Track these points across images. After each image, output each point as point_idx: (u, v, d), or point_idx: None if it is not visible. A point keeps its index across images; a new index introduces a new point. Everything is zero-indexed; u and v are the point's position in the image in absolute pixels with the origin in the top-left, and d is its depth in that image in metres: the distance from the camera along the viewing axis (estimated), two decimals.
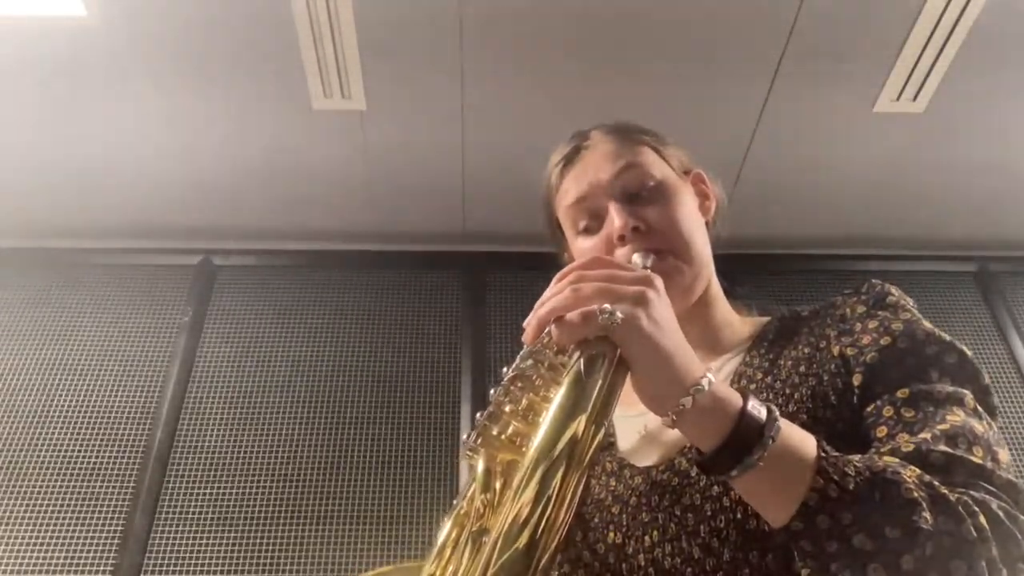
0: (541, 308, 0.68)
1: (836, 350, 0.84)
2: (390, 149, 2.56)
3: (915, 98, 2.42)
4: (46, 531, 2.26)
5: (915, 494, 0.63)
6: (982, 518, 0.63)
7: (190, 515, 2.31)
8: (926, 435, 0.72)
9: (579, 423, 0.58)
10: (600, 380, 0.61)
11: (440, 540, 0.67)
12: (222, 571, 2.23)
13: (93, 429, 2.44)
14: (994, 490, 0.67)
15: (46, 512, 2.29)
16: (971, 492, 0.66)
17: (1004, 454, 0.72)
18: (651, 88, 2.37)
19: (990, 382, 0.80)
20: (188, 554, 2.25)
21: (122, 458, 2.39)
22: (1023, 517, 0.66)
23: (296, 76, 2.31)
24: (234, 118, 2.45)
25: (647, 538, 0.80)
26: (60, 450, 2.40)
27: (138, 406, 2.49)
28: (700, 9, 2.17)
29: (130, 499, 2.32)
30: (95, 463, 2.38)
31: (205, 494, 2.34)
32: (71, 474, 2.36)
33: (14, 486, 2.32)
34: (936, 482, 0.65)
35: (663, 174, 0.96)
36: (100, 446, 2.41)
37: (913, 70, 2.34)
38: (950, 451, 0.70)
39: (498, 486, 0.64)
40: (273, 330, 2.67)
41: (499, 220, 2.78)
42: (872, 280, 0.91)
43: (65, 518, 2.28)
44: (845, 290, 0.92)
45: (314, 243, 2.85)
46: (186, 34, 2.21)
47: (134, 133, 2.47)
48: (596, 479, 0.88)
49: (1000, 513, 0.64)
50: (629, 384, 0.66)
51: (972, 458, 0.69)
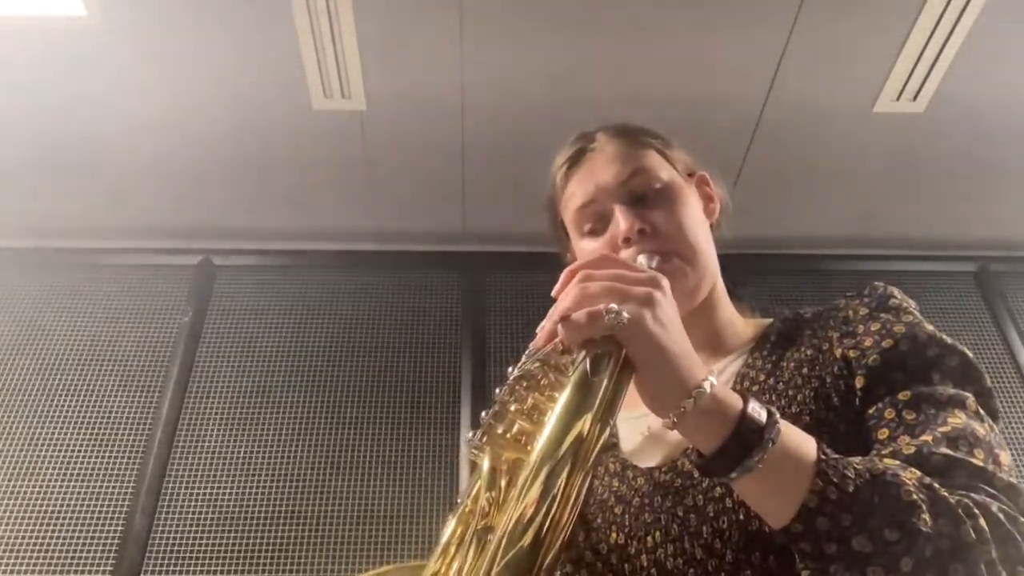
0: (553, 315, 0.68)
1: (838, 352, 0.84)
2: (390, 149, 2.56)
3: (915, 98, 2.42)
4: (46, 531, 2.26)
5: (915, 496, 0.63)
6: (982, 520, 0.63)
7: (190, 515, 2.31)
8: (927, 437, 0.72)
9: (585, 422, 0.58)
10: (606, 380, 0.61)
11: (444, 538, 0.67)
12: (222, 571, 2.23)
13: (93, 429, 2.44)
14: (995, 492, 0.67)
15: (46, 512, 2.29)
16: (972, 494, 0.66)
17: (1005, 456, 0.72)
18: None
19: (992, 385, 0.80)
20: (188, 554, 2.25)
21: (122, 458, 2.39)
22: (1023, 519, 0.66)
23: (296, 76, 2.31)
24: (234, 118, 2.45)
25: (649, 539, 0.80)
26: (60, 450, 2.39)
27: (138, 406, 2.49)
28: None
29: (130, 499, 2.32)
30: (95, 463, 2.38)
31: (205, 494, 2.34)
32: (71, 474, 2.35)
33: (14, 486, 2.32)
34: (936, 484, 0.65)
35: (669, 177, 0.96)
36: (100, 446, 2.41)
37: (913, 70, 2.34)
38: (951, 453, 0.70)
39: (503, 484, 0.64)
40: (273, 330, 2.67)
41: (499, 220, 2.78)
42: (875, 282, 0.91)
43: (65, 518, 2.28)
44: (848, 292, 0.92)
45: (314, 243, 2.85)
46: (186, 35, 2.21)
47: (134, 133, 2.47)
48: (599, 480, 0.88)
49: (1000, 515, 0.64)
50: (632, 385, 0.66)
51: (973, 460, 0.69)
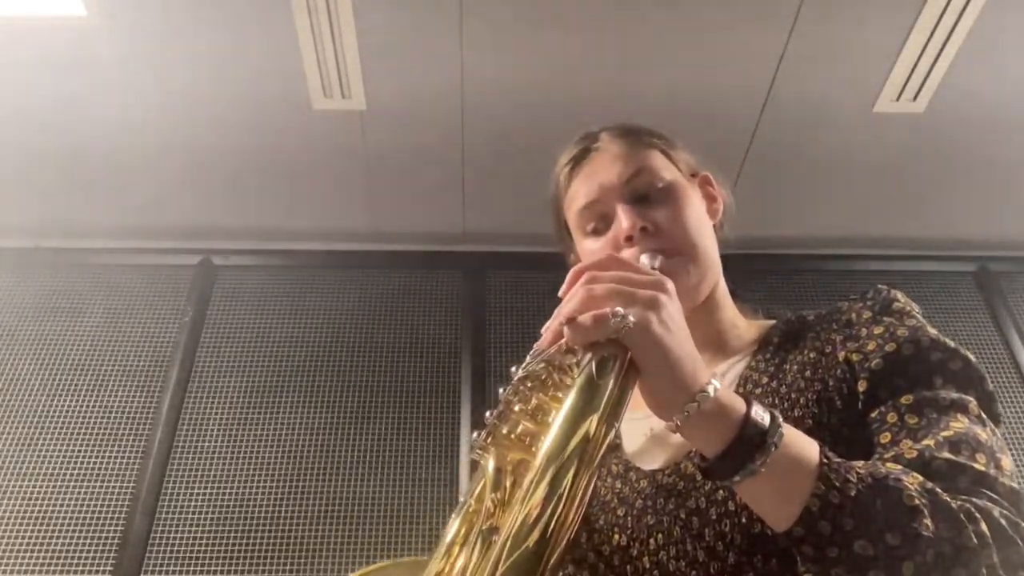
0: (559, 316, 0.68)
1: (841, 355, 0.83)
2: (390, 149, 2.56)
3: (915, 98, 2.42)
4: (46, 531, 2.26)
5: (917, 501, 0.63)
6: (983, 525, 0.63)
7: (190, 515, 2.31)
8: (929, 442, 0.72)
9: (591, 423, 0.59)
10: (612, 382, 0.61)
11: (448, 537, 0.67)
12: (222, 571, 2.23)
13: (93, 429, 2.44)
14: (996, 497, 0.67)
15: (46, 512, 2.28)
16: (973, 499, 0.66)
17: (1007, 461, 0.72)
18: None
19: (994, 389, 0.80)
20: (188, 554, 2.25)
21: (122, 458, 2.39)
22: None
23: (296, 76, 2.31)
24: (234, 117, 2.44)
25: (652, 541, 0.80)
26: (60, 450, 2.39)
27: (138, 406, 2.49)
28: None
29: (130, 499, 2.32)
30: (95, 463, 2.38)
31: (205, 494, 2.34)
32: (71, 474, 2.35)
33: (14, 486, 2.32)
34: (938, 489, 0.65)
35: (672, 176, 0.96)
36: (100, 446, 2.41)
37: (913, 70, 2.34)
38: (953, 458, 0.70)
39: (508, 485, 0.64)
40: (273, 330, 2.67)
41: (499, 220, 2.78)
42: (878, 285, 0.91)
43: (65, 518, 2.28)
44: (851, 295, 0.92)
45: (314, 243, 2.85)
46: (186, 35, 2.20)
47: (134, 133, 2.47)
48: (602, 481, 0.88)
49: (1002, 520, 0.64)
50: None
51: (975, 465, 0.69)
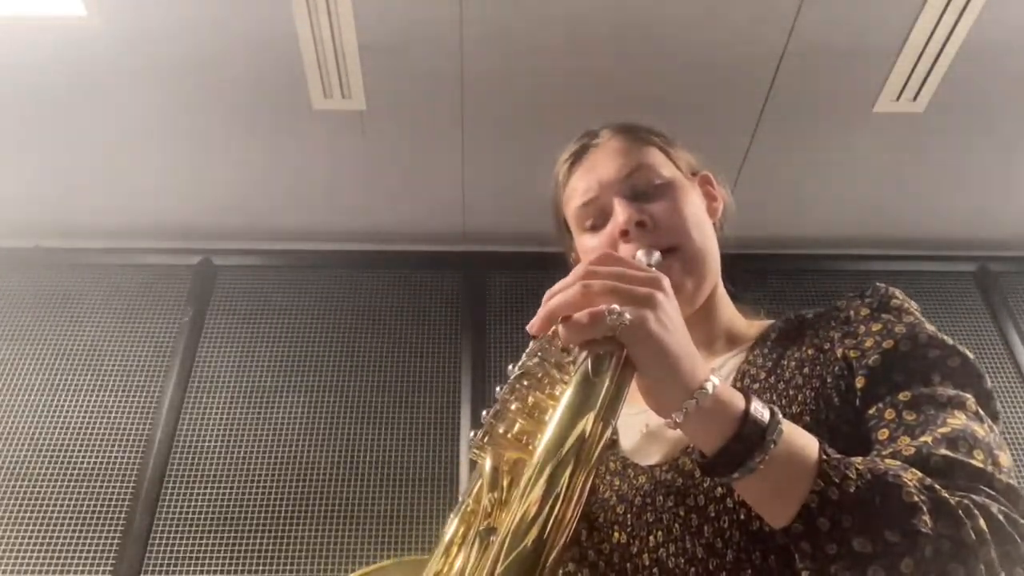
0: (550, 301, 0.67)
1: (839, 352, 0.84)
2: (390, 149, 2.56)
3: (915, 98, 2.42)
4: (46, 531, 2.25)
5: (915, 498, 0.63)
6: (982, 522, 0.63)
7: (190, 515, 2.31)
8: (927, 438, 0.72)
9: (587, 421, 0.59)
10: (608, 380, 0.61)
11: (447, 537, 0.67)
12: (222, 571, 2.23)
13: (93, 429, 2.44)
14: (994, 494, 0.67)
15: (46, 512, 2.28)
16: (972, 496, 0.66)
17: (1005, 458, 0.72)
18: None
19: (992, 386, 0.80)
20: (188, 554, 2.25)
21: (122, 458, 2.39)
22: (1023, 521, 0.66)
23: (296, 76, 2.31)
24: (234, 117, 2.44)
25: (651, 538, 0.80)
26: (60, 450, 2.39)
27: (138, 406, 2.49)
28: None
29: (130, 499, 2.32)
30: (95, 463, 2.38)
31: (205, 494, 2.34)
32: (71, 474, 2.35)
33: (14, 486, 2.32)
34: (937, 486, 0.65)
35: (670, 174, 0.96)
36: (100, 446, 2.41)
37: (913, 70, 2.34)
38: (951, 455, 0.70)
39: (505, 484, 0.64)
40: (273, 330, 2.67)
41: (499, 220, 2.78)
42: (877, 283, 0.91)
43: (65, 518, 2.28)
44: (849, 293, 0.92)
45: (314, 243, 2.85)
46: (186, 34, 2.20)
47: (133, 133, 2.47)
48: (600, 478, 0.88)
49: (1000, 517, 0.65)
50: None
51: (973, 462, 0.70)
